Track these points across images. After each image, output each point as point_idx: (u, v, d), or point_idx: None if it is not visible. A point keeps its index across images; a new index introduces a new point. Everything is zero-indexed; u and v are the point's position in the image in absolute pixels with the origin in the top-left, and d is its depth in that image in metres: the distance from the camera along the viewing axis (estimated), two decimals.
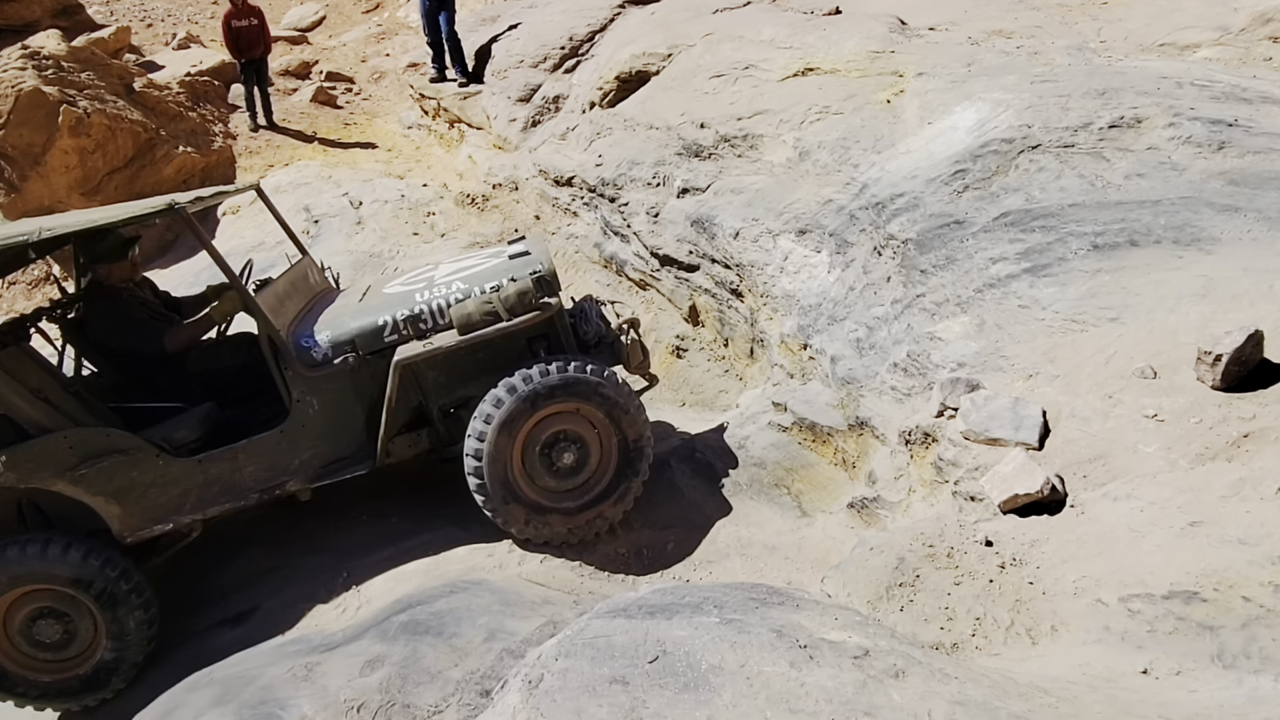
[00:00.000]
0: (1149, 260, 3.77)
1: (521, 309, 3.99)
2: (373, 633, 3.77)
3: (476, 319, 3.97)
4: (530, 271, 4.14)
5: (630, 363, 4.49)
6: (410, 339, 4.12)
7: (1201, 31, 5.89)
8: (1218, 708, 2.07)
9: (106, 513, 3.93)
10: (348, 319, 4.18)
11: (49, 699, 4.00)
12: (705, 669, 2.03)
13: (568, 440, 4.12)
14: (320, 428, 4.10)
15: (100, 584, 3.84)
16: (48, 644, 3.93)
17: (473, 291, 4.18)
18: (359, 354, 4.08)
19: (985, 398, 3.55)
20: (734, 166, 5.99)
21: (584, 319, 4.49)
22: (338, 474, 4.16)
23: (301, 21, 15.74)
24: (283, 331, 4.03)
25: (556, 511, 4.16)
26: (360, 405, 4.15)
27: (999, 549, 3.01)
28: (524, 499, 4.10)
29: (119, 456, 3.88)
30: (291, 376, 4.02)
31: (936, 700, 1.91)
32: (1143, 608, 2.52)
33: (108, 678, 3.97)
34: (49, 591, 3.86)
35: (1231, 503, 2.69)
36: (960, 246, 4.29)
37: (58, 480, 3.83)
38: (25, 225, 3.75)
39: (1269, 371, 3.07)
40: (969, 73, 5.36)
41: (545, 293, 4.07)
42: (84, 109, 9.20)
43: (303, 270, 4.85)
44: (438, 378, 4.20)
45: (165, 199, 3.83)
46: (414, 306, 4.16)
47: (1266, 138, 4.20)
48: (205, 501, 4.06)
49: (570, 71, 8.80)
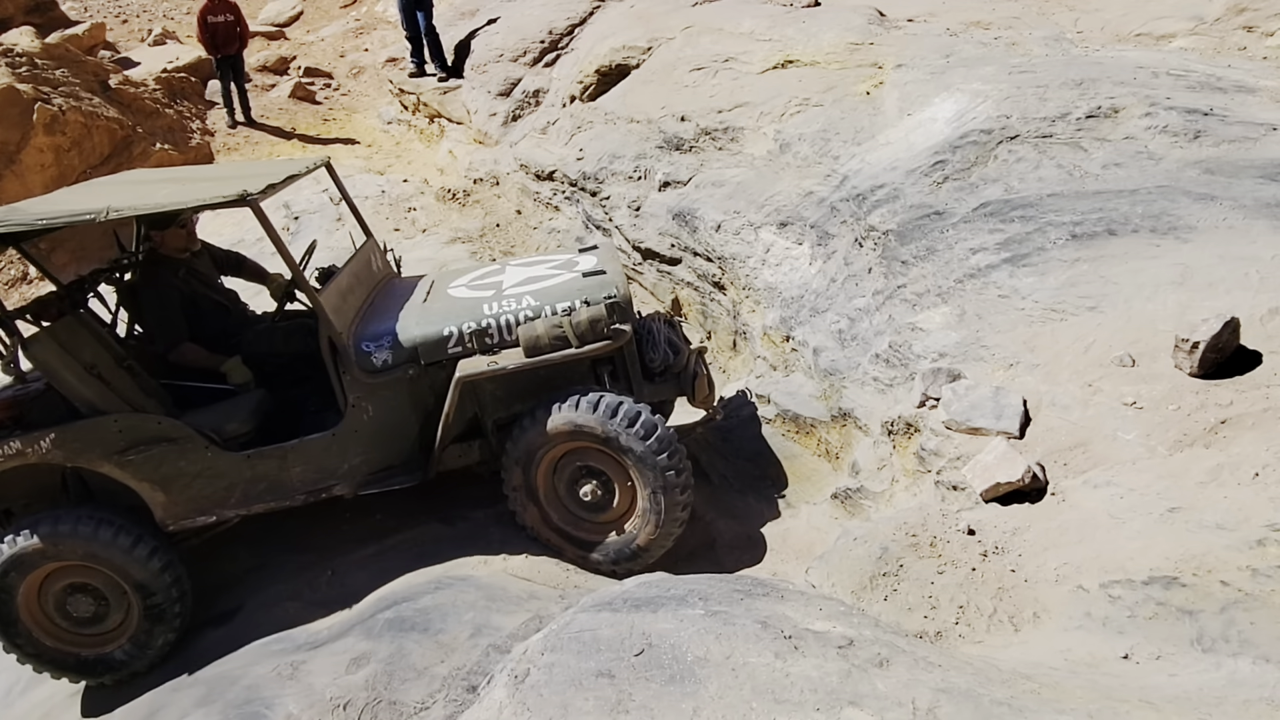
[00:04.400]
0: (1127, 249, 3.80)
1: (593, 337, 3.82)
2: (358, 630, 3.76)
3: (545, 343, 3.81)
4: (605, 295, 3.99)
5: (696, 396, 4.29)
6: (474, 353, 3.96)
7: (1177, 21, 5.94)
8: (1197, 691, 2.09)
9: (151, 499, 3.89)
10: (412, 325, 4.02)
11: (80, 672, 4.00)
12: (691, 661, 2.03)
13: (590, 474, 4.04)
14: (373, 434, 3.98)
15: (142, 574, 3.84)
16: (81, 619, 3.94)
17: (543, 310, 3.99)
18: (420, 364, 3.95)
19: (966, 387, 3.57)
20: (715, 159, 5.99)
21: (651, 343, 4.22)
22: (386, 483, 4.06)
23: (279, 16, 15.59)
24: (345, 334, 3.90)
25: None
26: (415, 414, 4.03)
27: (981, 537, 3.03)
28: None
29: (168, 445, 3.83)
30: (349, 381, 3.89)
31: (920, 688, 1.93)
32: (1123, 593, 2.54)
33: (137, 656, 3.97)
34: (86, 569, 3.85)
35: (1209, 488, 2.72)
36: (940, 237, 4.31)
37: (105, 463, 3.80)
38: (92, 203, 3.63)
39: (1245, 358, 3.10)
40: (948, 64, 5.38)
41: (618, 319, 3.92)
42: (59, 106, 9.10)
43: (365, 257, 4.69)
44: (496, 392, 4.08)
45: (237, 188, 3.61)
46: (482, 320, 3.98)
47: (1241, 126, 4.24)
48: (250, 498, 4.00)
49: (550, 65, 8.77)
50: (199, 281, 4.52)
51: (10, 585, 3.80)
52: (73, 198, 4.01)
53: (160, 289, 4.29)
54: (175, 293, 4.31)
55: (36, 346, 3.73)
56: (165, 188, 4.01)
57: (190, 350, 4.26)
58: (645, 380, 4.19)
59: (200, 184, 4.11)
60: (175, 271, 4.37)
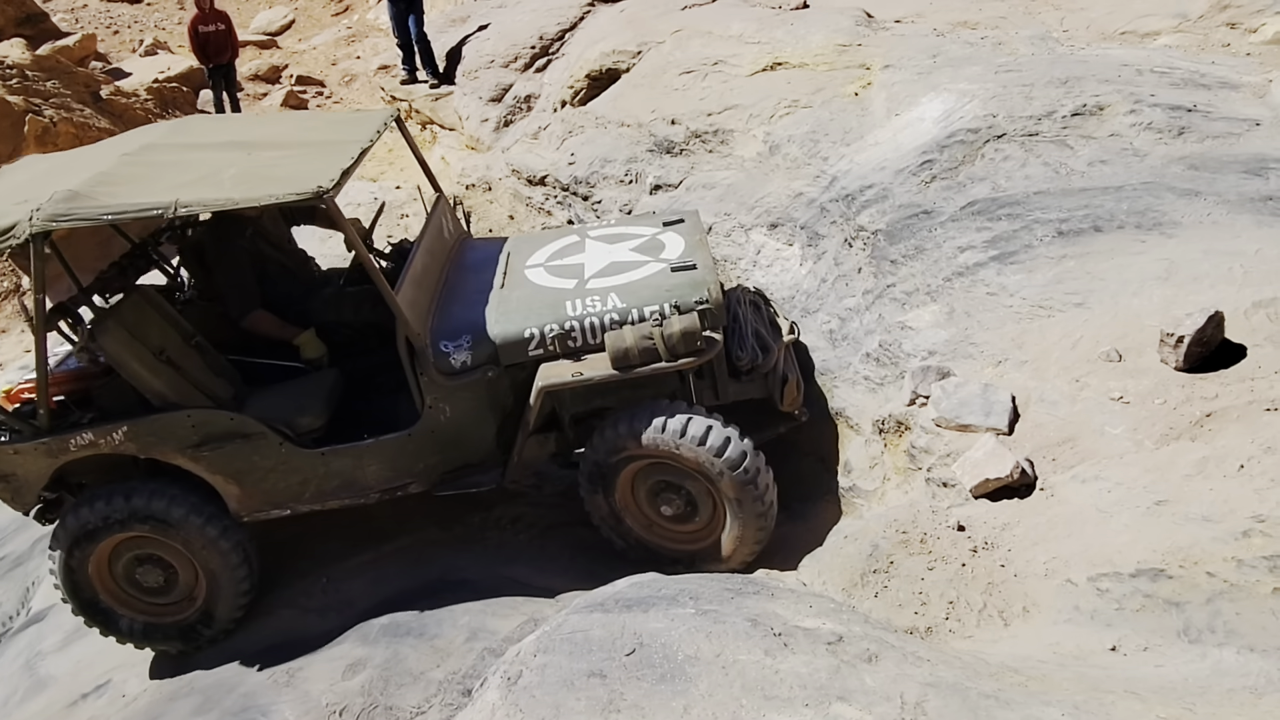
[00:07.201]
0: (1113, 245, 3.83)
1: (684, 350, 3.60)
2: (354, 636, 3.77)
3: (635, 355, 3.59)
4: (697, 300, 3.76)
5: (784, 401, 4.06)
6: (556, 356, 3.79)
7: (1161, 19, 5.97)
8: (1182, 681, 2.12)
9: (225, 491, 3.87)
10: (492, 322, 3.85)
11: (146, 639, 4.06)
12: (682, 659, 2.05)
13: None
14: (450, 435, 3.87)
15: (209, 554, 3.88)
16: (148, 588, 3.99)
17: (630, 314, 3.77)
18: (500, 365, 3.82)
19: (956, 385, 3.59)
20: (705, 162, 6.02)
21: (738, 340, 3.98)
22: (462, 484, 3.97)
23: (270, 25, 15.62)
24: (423, 334, 3.74)
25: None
26: (494, 415, 3.90)
27: (971, 533, 3.06)
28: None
29: (241, 441, 3.77)
30: (426, 382, 3.76)
31: (908, 682, 1.95)
32: (1111, 586, 2.57)
33: (201, 630, 4.03)
34: (157, 541, 3.89)
35: (1196, 481, 2.75)
36: (929, 236, 4.33)
37: (178, 455, 3.77)
38: (160, 197, 3.41)
39: (1230, 352, 3.13)
40: (934, 64, 5.41)
41: (711, 325, 3.72)
42: (50, 118, 9.11)
43: (438, 223, 4.45)
44: (576, 393, 3.92)
45: (311, 185, 3.39)
46: (565, 321, 3.79)
47: (1225, 122, 4.28)
48: (325, 494, 3.96)
49: (541, 71, 8.79)
50: (266, 242, 4.38)
51: (85, 552, 3.83)
52: (130, 190, 3.56)
53: (231, 250, 4.16)
54: (246, 254, 4.18)
55: (105, 337, 3.65)
56: (227, 166, 3.72)
57: (263, 319, 4.15)
58: (731, 378, 4.02)
59: (264, 156, 3.85)
60: (243, 231, 4.22)
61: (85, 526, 3.79)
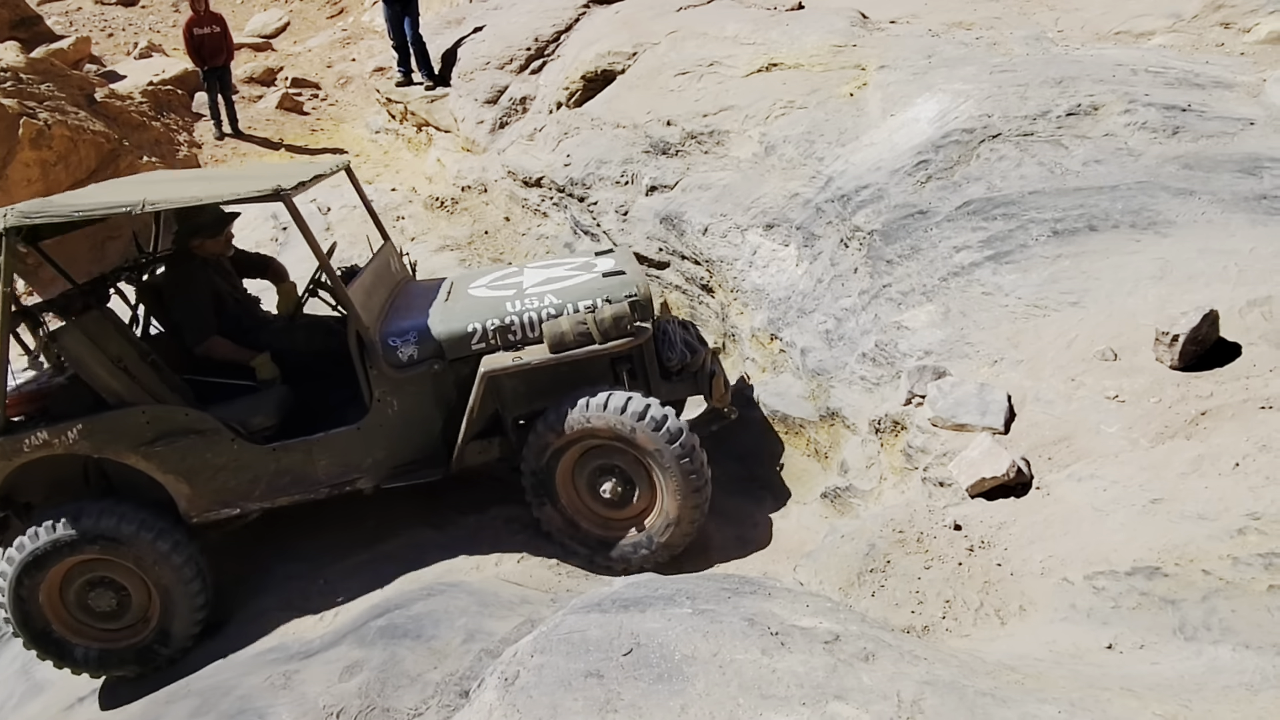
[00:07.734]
0: (1108, 245, 3.84)
1: (616, 333, 3.91)
2: (350, 638, 3.76)
3: (570, 339, 3.90)
4: (626, 294, 4.09)
5: (713, 395, 4.37)
6: (498, 349, 4.05)
7: (1155, 19, 5.99)
8: (1178, 678, 2.12)
9: (176, 491, 3.92)
10: (436, 322, 4.11)
11: (102, 666, 4.02)
12: (679, 659, 2.05)
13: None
14: (398, 428, 4.06)
15: (162, 570, 3.87)
16: (101, 613, 3.96)
17: (566, 308, 4.09)
18: (445, 359, 4.04)
19: (952, 384, 3.60)
20: (701, 163, 6.02)
21: (668, 344, 4.31)
22: (409, 477, 4.13)
23: (265, 28, 15.59)
24: (371, 329, 3.98)
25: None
26: (439, 410, 4.10)
27: (968, 532, 3.06)
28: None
29: (195, 437, 3.86)
30: (375, 375, 3.96)
31: (905, 681, 1.95)
32: (1107, 584, 2.57)
33: (158, 650, 4.01)
34: (107, 562, 3.88)
35: (1191, 479, 2.75)
36: (924, 236, 4.34)
37: (131, 454, 3.83)
38: (129, 195, 3.65)
39: (1225, 350, 3.14)
40: (929, 64, 5.42)
41: (640, 317, 4.01)
42: (44, 121, 9.09)
43: (385, 259, 4.76)
44: (518, 388, 4.14)
45: (271, 182, 3.67)
46: (505, 316, 4.08)
47: (1219, 121, 4.29)
48: (275, 490, 4.04)
49: (537, 72, 8.79)
50: (220, 278, 4.58)
51: (34, 580, 3.80)
52: (100, 194, 3.97)
53: (190, 282, 4.35)
54: (205, 287, 4.37)
55: (66, 337, 3.77)
56: (196, 185, 4.04)
57: (219, 344, 4.30)
58: (662, 379, 4.27)
59: (230, 182, 4.16)
60: (203, 266, 4.43)
61: (34, 553, 3.77)
